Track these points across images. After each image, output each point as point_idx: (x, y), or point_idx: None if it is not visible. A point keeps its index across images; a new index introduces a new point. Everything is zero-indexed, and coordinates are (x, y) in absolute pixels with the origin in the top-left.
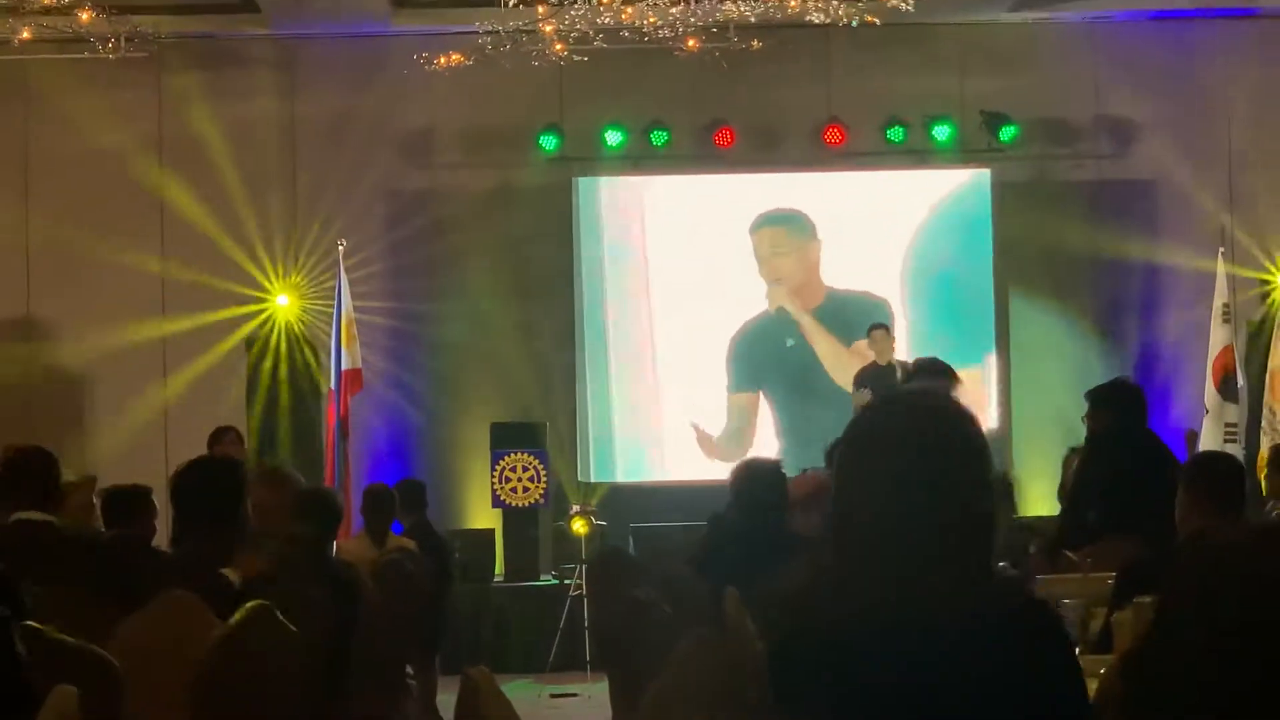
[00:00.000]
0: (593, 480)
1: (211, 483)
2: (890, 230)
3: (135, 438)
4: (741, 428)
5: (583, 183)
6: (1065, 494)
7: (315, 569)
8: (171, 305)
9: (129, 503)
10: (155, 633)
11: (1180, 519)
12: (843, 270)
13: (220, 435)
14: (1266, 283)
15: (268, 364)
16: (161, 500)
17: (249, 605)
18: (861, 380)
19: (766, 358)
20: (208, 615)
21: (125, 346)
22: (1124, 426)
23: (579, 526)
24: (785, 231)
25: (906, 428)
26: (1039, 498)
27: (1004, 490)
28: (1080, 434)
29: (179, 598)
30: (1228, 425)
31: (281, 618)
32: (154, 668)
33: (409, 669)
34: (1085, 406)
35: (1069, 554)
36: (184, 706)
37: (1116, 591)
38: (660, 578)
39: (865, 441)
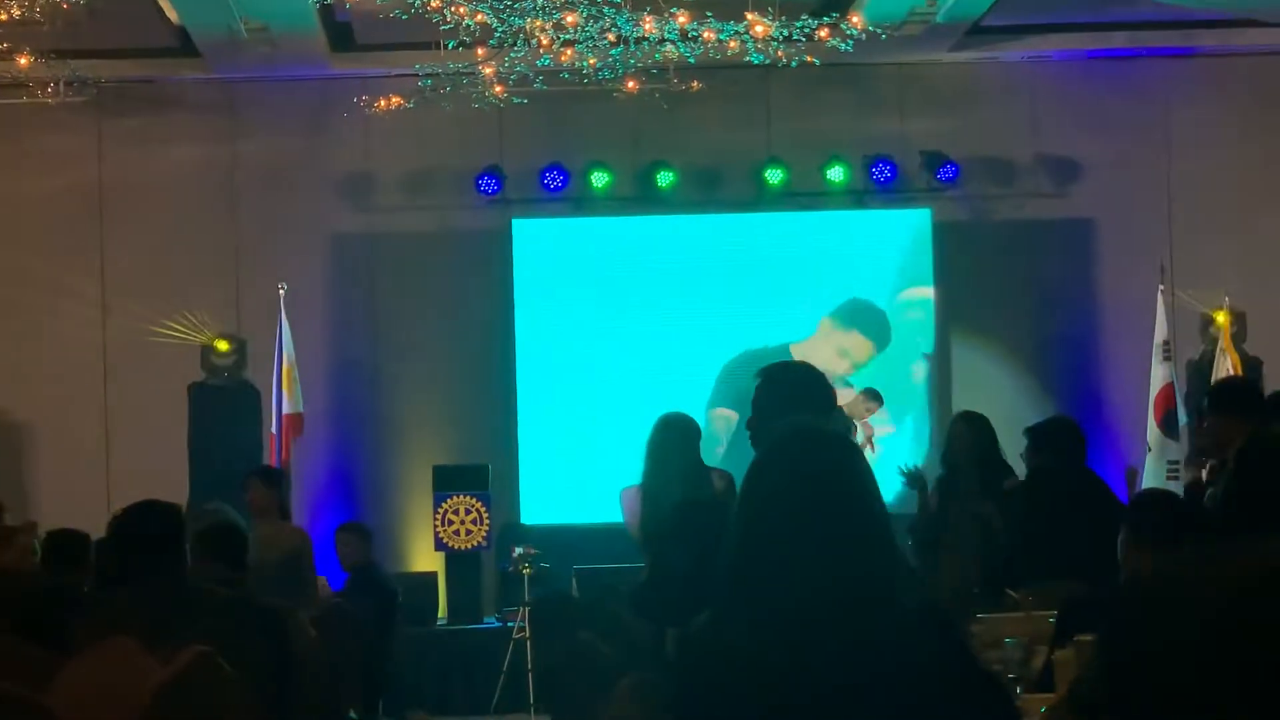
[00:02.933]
0: (534, 522)
1: (147, 528)
2: (830, 270)
3: (76, 483)
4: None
5: (522, 224)
6: (1007, 532)
7: (248, 612)
8: (113, 350)
9: (68, 547)
10: (95, 679)
11: (1123, 558)
12: (782, 311)
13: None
14: (1207, 320)
15: (210, 409)
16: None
17: (191, 650)
18: None
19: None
20: (148, 661)
21: (66, 392)
22: (1062, 465)
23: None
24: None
25: (804, 466)
26: None
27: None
28: (1022, 470)
29: (119, 644)
30: (1170, 463)
31: (222, 663)
32: (94, 715)
33: (352, 713)
34: (1025, 443)
35: (1011, 593)
36: None
37: (1058, 630)
38: (601, 619)
39: (766, 480)
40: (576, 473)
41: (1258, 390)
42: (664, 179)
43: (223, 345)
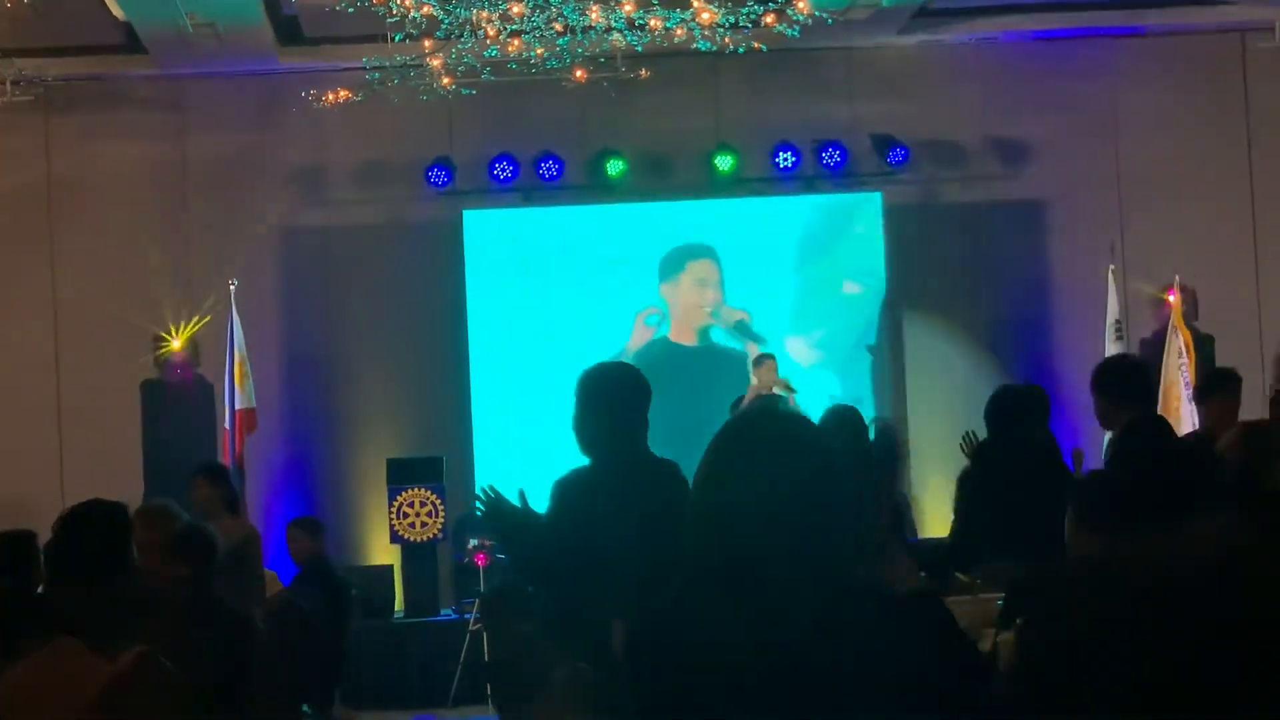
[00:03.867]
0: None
1: (93, 528)
2: (782, 255)
3: (29, 482)
4: None
5: (473, 215)
6: (955, 512)
7: (200, 609)
8: (65, 347)
9: (15, 548)
10: (39, 681)
11: (1068, 538)
12: (737, 296)
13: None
14: (1158, 299)
15: (162, 405)
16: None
17: (132, 651)
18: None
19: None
20: (93, 660)
21: (18, 390)
22: (1012, 437)
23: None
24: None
25: (760, 447)
26: (939, 518)
27: (900, 511)
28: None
29: (64, 645)
30: None
31: (165, 661)
32: (39, 715)
33: (306, 707)
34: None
35: (960, 575)
36: None
37: (1003, 612)
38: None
39: (723, 463)
40: (531, 463)
41: (1139, 371)
42: (614, 167)
43: (177, 343)
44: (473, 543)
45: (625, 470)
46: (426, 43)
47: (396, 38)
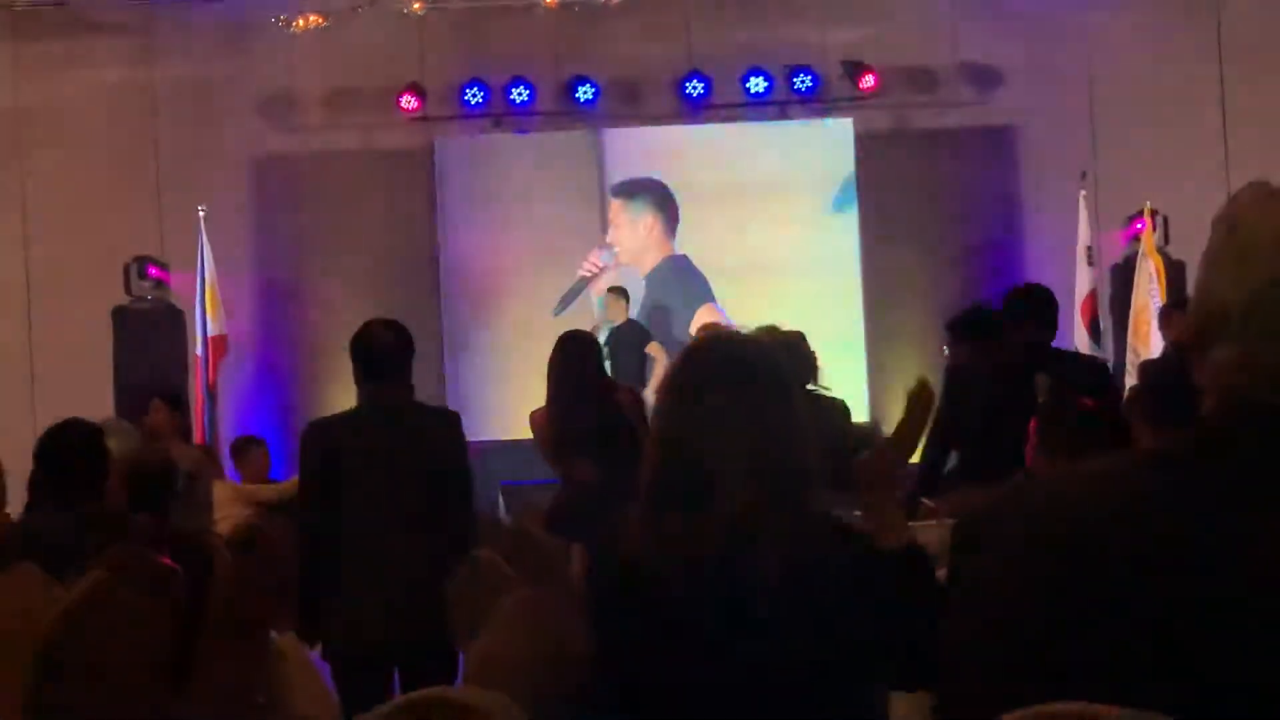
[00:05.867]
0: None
1: (70, 449)
2: (753, 181)
3: (1, 411)
4: None
5: (444, 142)
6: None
7: (163, 535)
8: (35, 275)
9: None
10: None
11: (1032, 465)
12: (707, 227)
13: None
14: (1129, 222)
15: (133, 332)
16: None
17: (90, 576)
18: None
19: None
20: (51, 588)
21: None
22: (978, 358)
23: None
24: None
25: (719, 369)
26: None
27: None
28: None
29: (22, 570)
30: None
31: (125, 588)
32: None
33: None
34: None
35: (925, 501)
36: (28, 680)
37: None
38: (510, 537)
39: (681, 385)
40: (502, 390)
41: (980, 315)
42: (585, 93)
43: (146, 270)
44: None
45: None
46: None
47: None
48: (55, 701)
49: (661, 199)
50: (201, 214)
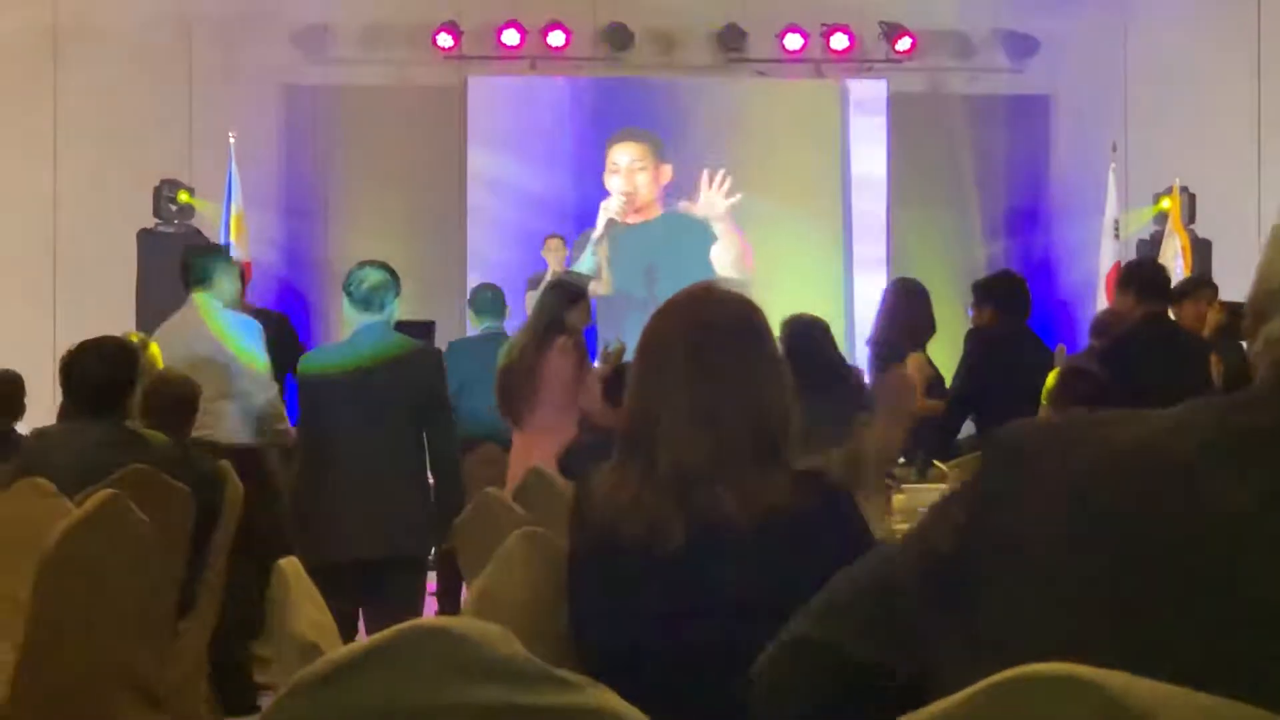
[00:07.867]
0: None
1: (98, 366)
2: (783, 138)
3: (21, 325)
4: None
5: (478, 81)
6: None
7: (178, 457)
8: (63, 191)
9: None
10: (6, 517)
11: None
12: (735, 182)
13: None
14: (1158, 198)
15: (158, 255)
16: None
17: (101, 494)
18: (533, 283)
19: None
20: (60, 502)
21: (13, 233)
22: (1007, 322)
23: None
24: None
25: (693, 321)
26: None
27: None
28: None
29: (32, 485)
30: None
31: (135, 508)
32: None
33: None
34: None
35: (937, 464)
36: (30, 592)
37: None
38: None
39: (655, 338)
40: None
41: (1008, 280)
42: (621, 40)
43: (183, 195)
44: None
45: None
46: None
47: None
48: (56, 616)
49: (662, 150)
50: (232, 140)
